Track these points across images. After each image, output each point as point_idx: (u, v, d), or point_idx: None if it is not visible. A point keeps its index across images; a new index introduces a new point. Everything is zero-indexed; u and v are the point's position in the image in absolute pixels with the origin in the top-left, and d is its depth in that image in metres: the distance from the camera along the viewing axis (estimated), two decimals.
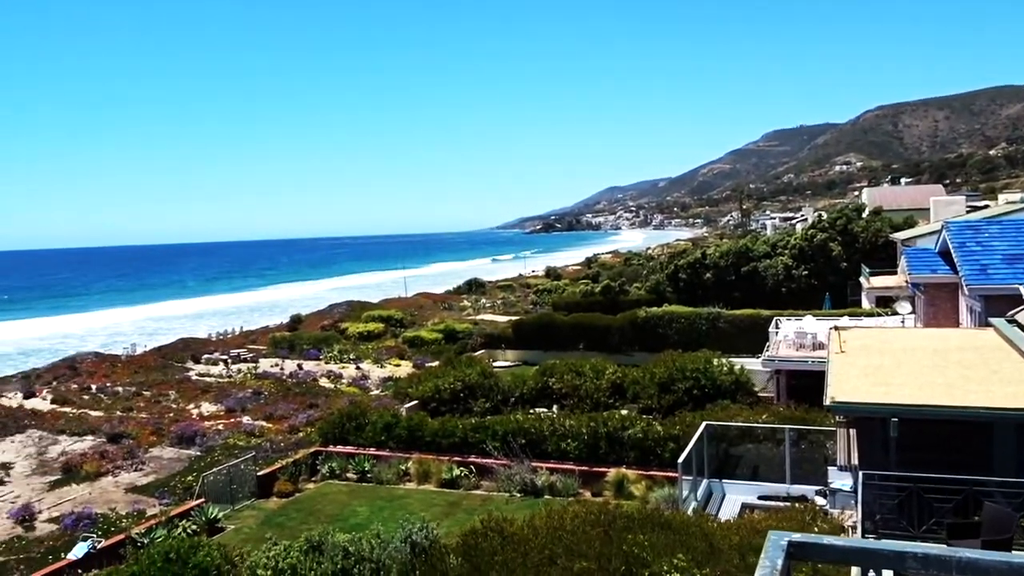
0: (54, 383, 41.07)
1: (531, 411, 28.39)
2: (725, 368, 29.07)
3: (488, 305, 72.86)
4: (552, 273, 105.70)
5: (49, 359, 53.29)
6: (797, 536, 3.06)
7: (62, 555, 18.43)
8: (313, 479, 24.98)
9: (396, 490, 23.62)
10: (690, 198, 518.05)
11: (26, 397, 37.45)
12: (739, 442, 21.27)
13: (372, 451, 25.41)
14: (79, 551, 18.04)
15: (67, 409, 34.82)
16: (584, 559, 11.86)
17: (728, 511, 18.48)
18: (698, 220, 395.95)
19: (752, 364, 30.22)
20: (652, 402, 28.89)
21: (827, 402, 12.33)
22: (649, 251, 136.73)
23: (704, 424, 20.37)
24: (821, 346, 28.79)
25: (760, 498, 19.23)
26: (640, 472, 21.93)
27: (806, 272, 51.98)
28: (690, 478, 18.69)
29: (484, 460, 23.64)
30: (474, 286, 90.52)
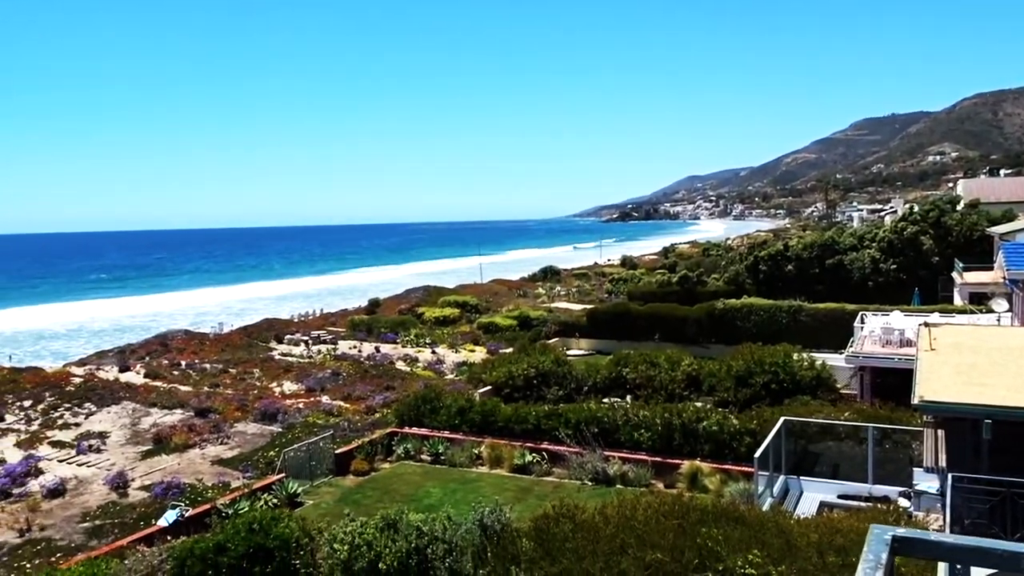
0: (147, 358, 43.05)
1: (604, 400, 28.26)
2: (806, 363, 28.30)
3: (563, 293, 72.74)
4: (628, 262, 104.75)
5: (142, 335, 55.96)
6: (902, 531, 2.96)
7: (153, 521, 19.36)
8: (388, 459, 25.51)
9: (468, 473, 23.91)
10: (772, 188, 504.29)
11: (121, 371, 39.38)
12: (819, 439, 20.70)
13: (446, 434, 25.76)
14: (168, 518, 18.92)
15: (158, 383, 36.46)
16: (656, 550, 11.77)
17: (805, 509, 18.03)
18: (780, 211, 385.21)
19: (834, 360, 29.34)
20: (728, 395, 28.39)
21: (915, 401, 11.89)
22: (728, 242, 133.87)
23: (783, 419, 19.88)
24: (909, 343, 27.73)
25: (840, 497, 18.70)
26: (714, 465, 21.60)
27: (894, 266, 50.03)
28: (766, 474, 18.30)
29: (556, 447, 23.69)
30: (549, 274, 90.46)
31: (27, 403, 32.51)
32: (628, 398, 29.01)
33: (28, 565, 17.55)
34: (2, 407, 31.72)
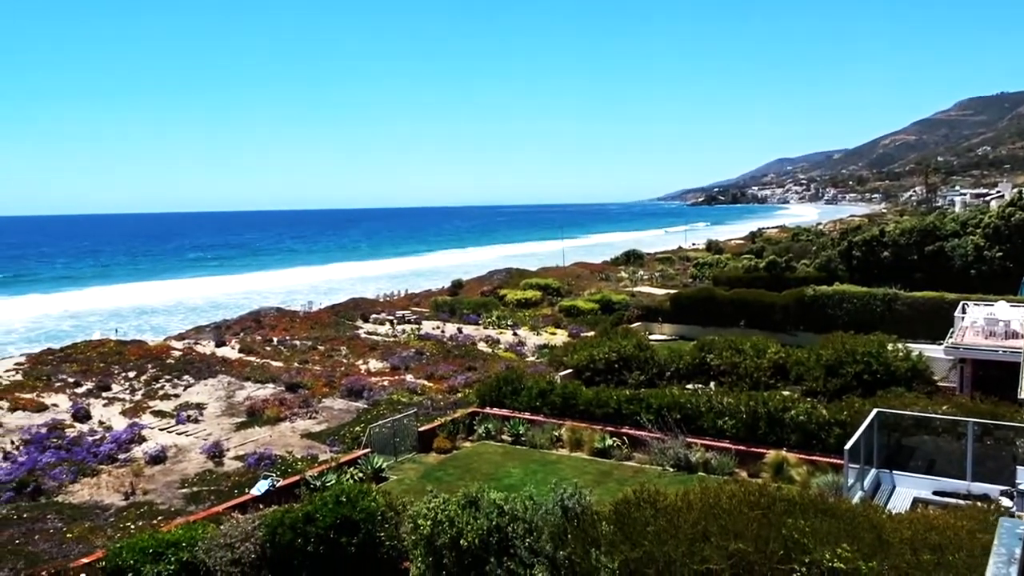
0: (241, 334, 44.78)
1: (687, 386, 27.88)
2: (900, 353, 27.21)
3: (645, 277, 71.92)
4: (713, 247, 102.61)
5: (235, 312, 58.19)
6: None
7: (246, 490, 20.20)
8: (470, 438, 25.86)
9: (549, 455, 24.01)
10: (867, 171, 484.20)
11: (217, 345, 41.11)
12: (914, 433, 19.88)
13: (527, 415, 25.92)
14: (260, 488, 19.70)
15: (252, 358, 37.92)
16: (740, 540, 11.56)
17: (898, 504, 17.40)
18: (876, 195, 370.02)
19: (932, 351, 28.12)
20: (817, 385, 27.56)
21: (1022, 395, 11.26)
22: (820, 227, 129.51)
23: (875, 411, 19.17)
24: (1015, 335, 26.34)
25: (935, 494, 17.94)
26: (801, 456, 21.04)
27: (1000, 254, 47.38)
28: (857, 467, 17.71)
29: (637, 432, 23.52)
30: (632, 257, 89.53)
31: (131, 374, 34.33)
32: (712, 385, 28.53)
33: (132, 526, 18.59)
34: (109, 377, 33.60)
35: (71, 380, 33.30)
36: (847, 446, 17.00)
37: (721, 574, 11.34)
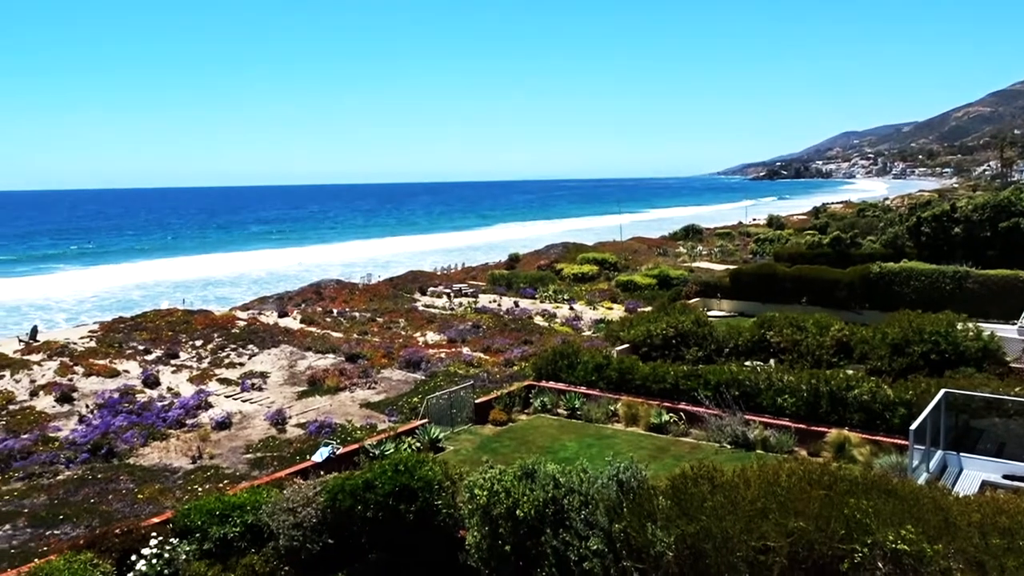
0: (302, 305, 45.73)
1: (745, 363, 27.47)
2: (971, 333, 26.30)
3: (704, 253, 70.86)
4: (775, 222, 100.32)
5: (296, 284, 59.41)
6: None
7: (307, 457, 20.70)
8: (525, 411, 25.99)
9: (604, 429, 23.99)
10: (938, 145, 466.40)
11: (280, 316, 42.07)
12: (983, 415, 19.24)
13: (582, 389, 25.90)
14: (321, 455, 20.16)
15: (313, 329, 38.70)
16: (800, 518, 11.40)
17: (965, 487, 16.92)
18: (946, 170, 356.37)
19: (1005, 331, 27.15)
20: (882, 364, 26.86)
21: None
22: (887, 202, 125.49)
23: (943, 391, 18.61)
24: None
25: (1005, 477, 17.38)
26: (864, 436, 20.57)
27: None
28: (922, 447, 17.26)
29: (694, 408, 23.31)
30: (691, 232, 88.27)
31: (198, 343, 35.40)
32: (772, 362, 28.04)
33: (199, 489, 19.27)
34: (177, 346, 34.71)
35: (141, 348, 34.51)
36: (913, 426, 16.57)
37: (779, 552, 11.21)
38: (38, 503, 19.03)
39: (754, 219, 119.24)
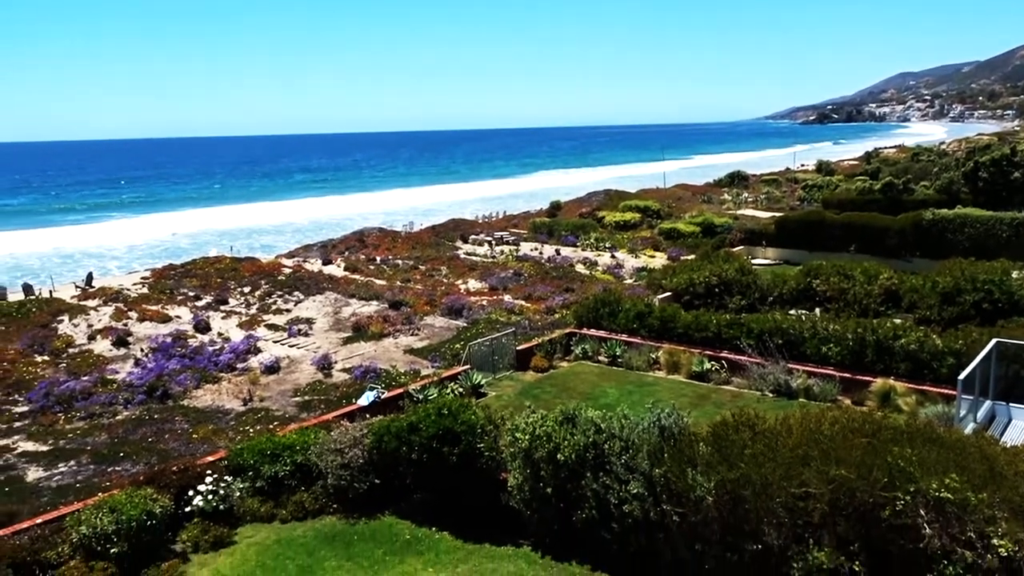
0: (346, 253, 46.28)
1: (790, 312, 27.19)
2: None
3: (750, 200, 69.60)
4: (824, 168, 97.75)
5: (338, 232, 59.95)
6: None
7: (353, 400, 21.20)
8: (567, 358, 26.17)
9: (645, 377, 24.09)
10: (1001, 85, 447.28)
11: (324, 264, 42.66)
12: None
13: (624, 337, 25.95)
14: (367, 399, 20.63)
15: (356, 276, 39.21)
16: (842, 466, 11.40)
17: (1014, 437, 16.71)
18: (1009, 111, 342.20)
19: None
20: (931, 313, 26.38)
21: None
22: (943, 146, 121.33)
23: (995, 341, 18.26)
24: None
25: None
26: (910, 385, 20.33)
27: None
28: (970, 397, 17.02)
29: (737, 356, 23.23)
30: (736, 179, 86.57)
31: (246, 289, 36.16)
32: (817, 311, 27.71)
33: (251, 430, 19.91)
34: (226, 292, 35.50)
35: (191, 294, 35.38)
36: (961, 376, 16.33)
37: (820, 498, 11.27)
38: (99, 441, 19.88)
39: (802, 165, 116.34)
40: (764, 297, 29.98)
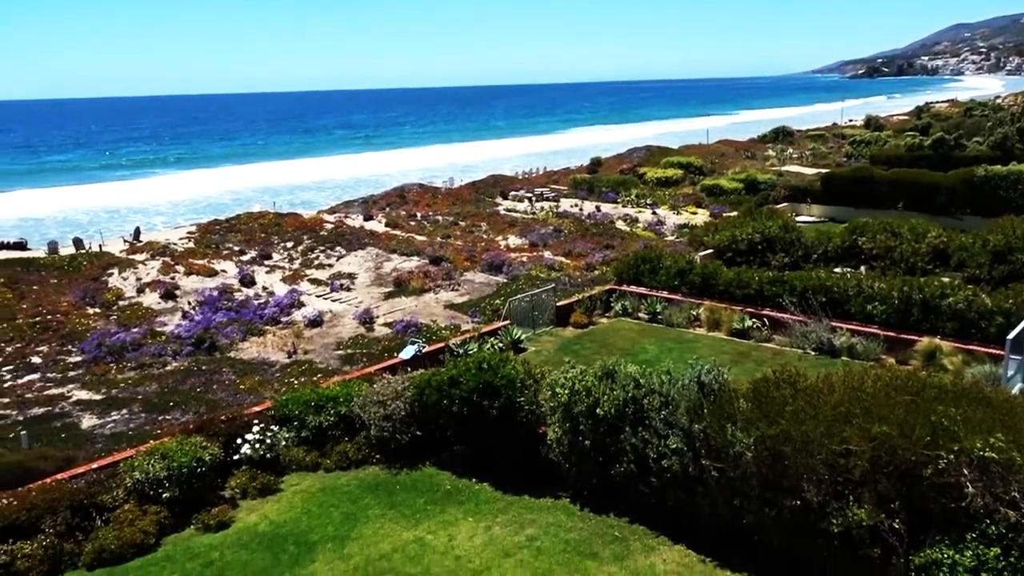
0: (387, 209, 46.55)
1: (834, 270, 26.76)
2: None
3: (795, 156, 68.17)
4: (873, 123, 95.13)
5: (378, 189, 60.13)
6: None
7: (394, 354, 21.51)
8: (606, 315, 26.17)
9: (685, 334, 24.01)
10: None
11: (365, 220, 42.99)
12: None
13: (664, 294, 25.83)
14: (408, 352, 20.91)
15: (397, 232, 39.47)
16: (884, 423, 11.31)
17: None
18: None
19: None
20: (981, 272, 25.76)
21: None
22: (998, 100, 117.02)
23: None
24: None
25: None
26: (956, 345, 19.97)
27: None
28: (1019, 357, 16.73)
29: (779, 314, 22.99)
30: (781, 135, 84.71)
31: (289, 244, 36.67)
32: (862, 269, 27.23)
33: (295, 381, 20.38)
34: (269, 247, 36.05)
35: (236, 249, 36.00)
36: (1011, 335, 16.03)
37: (861, 456, 11.22)
38: (150, 391, 20.53)
39: (850, 120, 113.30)
40: (808, 255, 29.52)
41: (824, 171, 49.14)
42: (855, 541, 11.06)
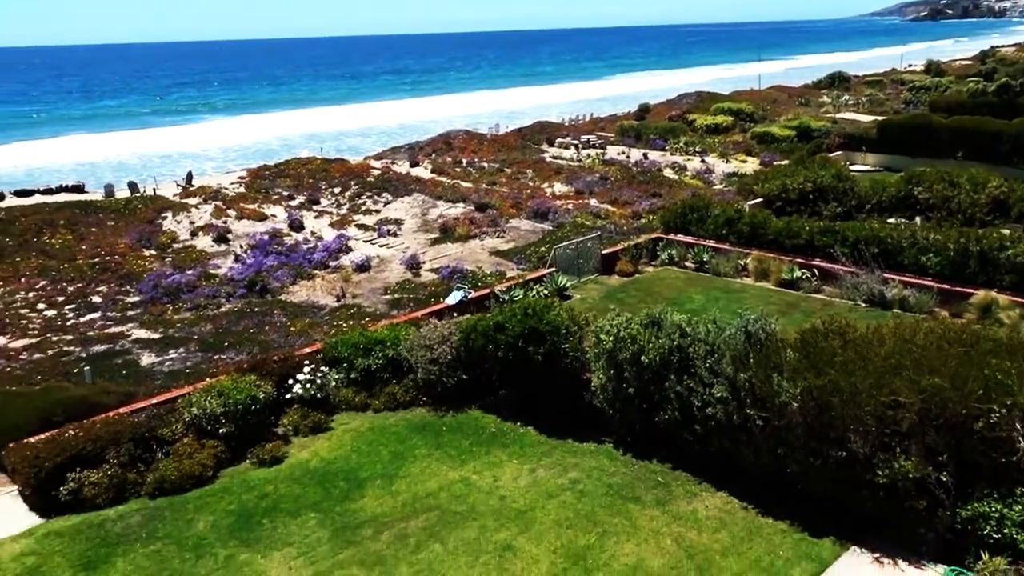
0: (433, 155, 46.51)
1: (888, 220, 26.13)
2: None
3: (851, 102, 66.01)
4: (933, 68, 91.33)
5: (423, 135, 59.99)
6: None
7: (441, 299, 21.76)
8: (652, 263, 26.03)
9: (732, 283, 23.80)
10: None
11: (411, 166, 43.05)
12: None
13: (711, 243, 25.56)
14: (454, 298, 21.13)
15: (443, 178, 39.49)
16: (935, 376, 11.19)
17: None
18: None
19: None
20: None
21: None
22: None
23: None
24: None
25: None
26: (1014, 298, 19.48)
27: None
28: None
29: (829, 265, 22.62)
30: (836, 80, 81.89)
31: (336, 190, 36.99)
32: (917, 220, 26.54)
33: (344, 324, 20.77)
34: (317, 192, 36.42)
35: (285, 194, 36.44)
36: None
37: (910, 408, 11.14)
38: (205, 331, 21.15)
39: (910, 65, 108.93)
40: (861, 205, 28.85)
41: (881, 118, 47.60)
42: (901, 492, 11.06)
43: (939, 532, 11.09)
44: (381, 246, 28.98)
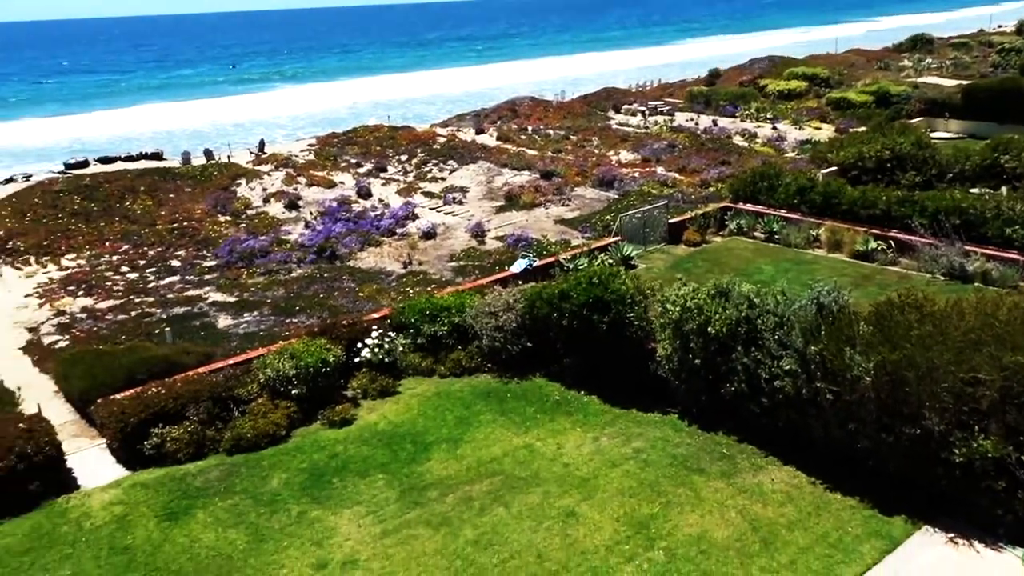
0: (498, 122, 46.39)
1: (971, 190, 25.06)
2: None
3: (934, 66, 63.07)
4: None
5: (487, 103, 59.75)
6: None
7: (506, 267, 21.87)
8: (720, 233, 25.59)
9: (804, 254, 23.25)
10: None
11: (477, 133, 43.08)
12: None
13: (782, 213, 24.96)
14: (519, 266, 21.20)
15: (508, 146, 39.42)
16: (1018, 352, 10.77)
17: None
18: None
19: None
20: None
21: None
22: None
23: None
24: None
25: None
26: None
27: None
28: None
29: (907, 236, 21.86)
30: (919, 43, 78.19)
31: (403, 157, 37.31)
32: (1003, 190, 25.37)
33: (410, 291, 21.09)
34: (384, 160, 36.79)
35: (353, 161, 36.94)
36: None
37: (990, 386, 10.78)
38: (278, 295, 21.75)
39: (999, 26, 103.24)
40: (943, 174, 27.71)
41: (966, 83, 45.42)
42: (978, 472, 10.75)
43: (1018, 514, 10.75)
44: (447, 214, 29.19)
